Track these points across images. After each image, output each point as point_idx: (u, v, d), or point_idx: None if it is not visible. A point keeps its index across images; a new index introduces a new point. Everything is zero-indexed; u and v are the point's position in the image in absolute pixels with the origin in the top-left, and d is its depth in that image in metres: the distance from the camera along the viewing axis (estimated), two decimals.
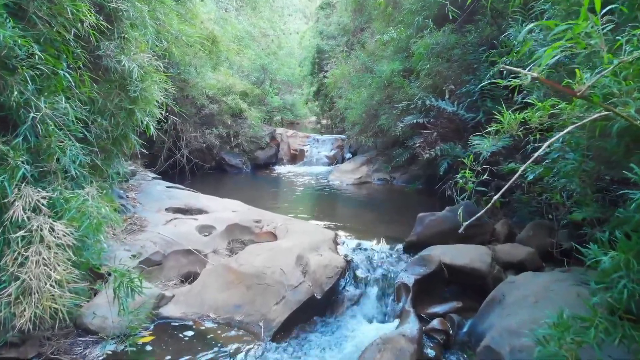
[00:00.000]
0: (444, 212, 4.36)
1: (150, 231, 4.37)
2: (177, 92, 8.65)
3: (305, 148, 11.69)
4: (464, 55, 5.90)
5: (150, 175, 6.17)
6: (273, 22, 21.19)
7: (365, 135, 8.80)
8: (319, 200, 6.87)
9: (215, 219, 4.74)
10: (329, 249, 4.05)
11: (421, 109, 6.34)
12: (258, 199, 6.87)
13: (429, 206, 6.03)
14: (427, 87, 6.52)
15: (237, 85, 9.42)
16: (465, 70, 5.99)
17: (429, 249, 4.05)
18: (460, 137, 5.92)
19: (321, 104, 17.75)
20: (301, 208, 6.31)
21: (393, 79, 7.28)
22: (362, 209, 6.24)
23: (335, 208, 6.35)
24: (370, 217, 5.74)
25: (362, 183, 8.25)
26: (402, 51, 8.10)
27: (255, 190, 7.77)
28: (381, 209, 6.22)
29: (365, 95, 8.67)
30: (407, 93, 6.83)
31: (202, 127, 9.11)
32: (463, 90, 5.69)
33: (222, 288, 3.56)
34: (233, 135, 9.32)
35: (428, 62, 6.37)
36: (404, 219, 5.58)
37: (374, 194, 7.58)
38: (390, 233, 4.87)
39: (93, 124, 3.73)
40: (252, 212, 5.17)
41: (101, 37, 3.82)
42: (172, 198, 5.38)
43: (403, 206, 6.41)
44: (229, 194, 7.23)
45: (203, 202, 5.34)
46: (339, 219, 5.61)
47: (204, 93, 8.70)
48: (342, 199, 7.15)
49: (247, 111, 9.06)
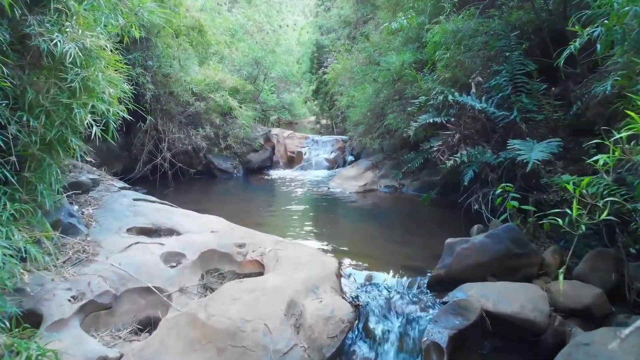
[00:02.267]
0: (480, 237, 3.38)
1: (102, 262, 3.38)
2: (157, 88, 7.69)
3: (303, 150, 10.71)
4: (492, 42, 4.92)
5: (116, 185, 5.18)
6: (270, 17, 20.26)
7: (370, 136, 7.82)
8: (318, 213, 5.89)
9: (187, 244, 3.76)
10: (331, 289, 3.07)
11: (438, 106, 5.36)
12: (247, 211, 5.89)
13: (451, 223, 5.08)
14: (446, 80, 5.54)
15: (228, 81, 8.44)
16: (493, 60, 5.01)
17: (463, 289, 3.07)
18: (487, 139, 4.94)
19: (320, 102, 16.81)
20: (297, 223, 5.33)
21: (404, 72, 6.31)
22: (370, 225, 5.26)
23: (338, 223, 5.37)
24: (381, 236, 4.76)
25: (367, 191, 7.27)
26: (412, 41, 7.13)
27: (246, 200, 6.78)
28: (392, 225, 5.24)
29: (370, 91, 7.70)
30: (421, 88, 5.86)
31: (188, 127, 8.12)
32: (492, 83, 4.72)
33: (184, 350, 2.57)
34: (222, 136, 8.33)
35: (447, 51, 5.40)
36: (422, 239, 4.60)
37: (382, 204, 6.60)
38: (407, 260, 3.89)
39: (14, 123, 2.78)
40: (236, 232, 4.19)
41: (28, 10, 2.88)
42: (138, 214, 4.39)
43: (418, 222, 5.42)
44: (214, 205, 6.27)
45: (176, 220, 4.36)
46: (342, 239, 4.63)
47: (189, 89, 7.71)
48: (345, 211, 6.17)
49: (237, 110, 8.07)
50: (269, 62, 9.87)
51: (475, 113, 5.00)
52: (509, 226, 3.35)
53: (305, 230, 4.97)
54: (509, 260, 3.29)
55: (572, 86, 4.99)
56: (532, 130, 4.59)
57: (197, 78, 8.19)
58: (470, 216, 4.74)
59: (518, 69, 4.68)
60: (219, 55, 9.46)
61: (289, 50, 20.66)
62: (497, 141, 4.82)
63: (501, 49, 4.85)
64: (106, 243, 3.71)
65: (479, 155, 4.37)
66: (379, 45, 7.79)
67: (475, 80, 4.78)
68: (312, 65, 16.31)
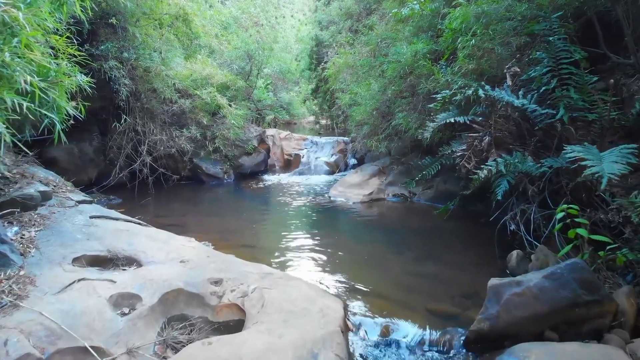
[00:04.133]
0: (535, 278, 2.50)
1: (29, 309, 2.51)
2: (136, 84, 6.81)
3: (301, 153, 9.83)
4: (529, 25, 4.05)
5: (73, 199, 4.29)
6: (267, 12, 19.35)
7: (376, 138, 6.95)
8: (316, 230, 5.01)
9: (147, 281, 2.88)
10: (335, 357, 2.19)
11: (460, 104, 4.48)
12: (233, 227, 5.00)
13: (478, 244, 4.19)
14: (469, 72, 4.67)
15: (216, 76, 7.55)
16: (530, 47, 4.15)
17: (518, 353, 2.20)
18: (524, 143, 4.07)
19: (320, 101, 15.94)
20: (291, 244, 4.45)
21: (417, 64, 5.43)
22: (380, 246, 4.38)
23: (341, 244, 4.49)
24: (395, 263, 3.88)
25: (372, 200, 6.39)
26: (424, 31, 6.26)
27: (234, 212, 5.90)
28: (407, 247, 4.36)
29: (375, 87, 6.83)
30: (439, 82, 4.99)
31: (171, 127, 7.24)
32: (532, 74, 3.84)
33: None
34: (210, 138, 7.44)
35: (471, 38, 4.53)
36: (447, 267, 3.72)
37: (391, 217, 5.72)
38: (433, 301, 3.02)
39: None
40: (213, 261, 3.31)
41: None
42: (92, 238, 3.51)
43: (438, 241, 4.55)
44: (196, 219, 5.35)
45: (139, 244, 3.48)
46: (347, 268, 3.75)
47: (172, 85, 6.83)
48: (349, 226, 5.29)
49: (226, 108, 7.18)
50: (263, 55, 8.97)
51: (507, 111, 4.13)
52: (576, 264, 2.47)
53: (301, 255, 4.09)
54: (576, 310, 2.43)
55: (624, 79, 4.14)
56: (580, 132, 3.72)
57: (183, 73, 7.32)
58: (504, 237, 3.87)
59: (562, 56, 3.81)
60: (208, 48, 8.57)
61: (287, 48, 19.79)
62: (536, 146, 3.94)
63: (540, 34, 3.98)
64: (42, 279, 2.84)
65: (519, 163, 3.49)
66: (386, 36, 6.90)
67: (511, 70, 3.91)
68: (311, 62, 15.45)
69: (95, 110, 7.06)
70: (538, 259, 3.20)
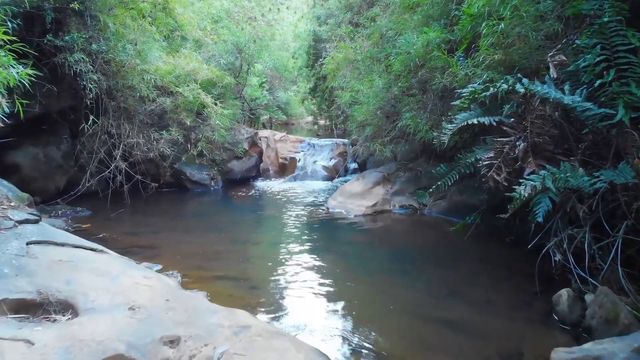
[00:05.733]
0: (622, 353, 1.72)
1: None
2: (108, 80, 6.02)
3: (297, 156, 9.05)
4: (575, 4, 3.27)
5: (13, 218, 3.50)
6: (263, 8, 18.55)
7: (380, 141, 6.18)
8: (311, 254, 4.17)
9: (75, 343, 2.09)
10: None
11: (484, 102, 3.70)
12: (212, 249, 4.20)
13: (512, 273, 3.38)
14: (495, 64, 3.90)
15: (202, 72, 6.76)
16: (573, 32, 3.37)
17: None
18: (568, 150, 3.29)
19: (318, 101, 15.17)
20: (280, 274, 3.65)
21: (429, 56, 4.66)
22: (388, 278, 3.58)
23: (340, 275, 3.67)
24: (407, 304, 3.09)
25: (377, 212, 5.61)
26: (436, 19, 5.48)
27: (216, 228, 5.07)
28: (421, 278, 3.58)
29: (379, 84, 6.06)
30: (457, 76, 4.22)
31: (150, 129, 6.45)
32: (581, 65, 3.06)
33: None
34: (194, 140, 6.66)
35: (498, 23, 3.75)
36: (473, 308, 2.94)
37: (399, 235, 4.94)
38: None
39: None
40: (171, 308, 2.52)
41: None
42: (22, 273, 2.72)
43: (458, 270, 3.75)
44: (170, 237, 4.41)
45: (80, 282, 2.70)
46: (348, 311, 2.97)
47: (150, 81, 6.04)
48: (351, 249, 4.46)
49: (210, 107, 6.39)
50: (253, 49, 8.16)
51: (545, 110, 3.35)
52: None
53: (290, 291, 3.30)
54: None
55: None
56: None
57: (164, 68, 6.52)
58: (545, 269, 3.10)
59: (617, 42, 3.03)
60: (193, 41, 7.77)
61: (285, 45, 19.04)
62: (584, 154, 3.17)
63: (589, 14, 3.20)
64: None
65: (571, 178, 2.71)
66: (393, 25, 6.12)
67: (555, 59, 3.13)
68: (308, 59, 14.68)
69: (64, 110, 6.29)
70: (601, 306, 2.43)
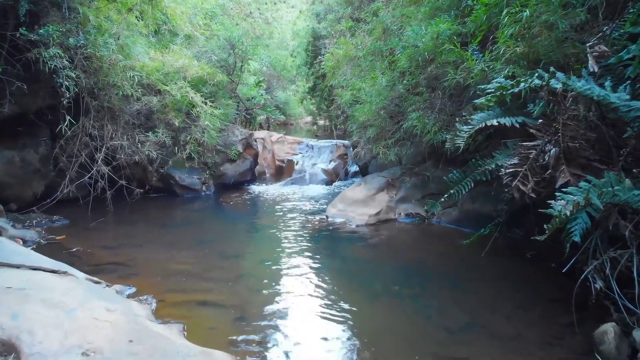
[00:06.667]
0: None
1: None
2: (89, 77, 5.54)
3: (295, 158, 8.58)
4: None
5: None
6: (261, 5, 18.08)
7: (384, 143, 5.71)
8: (307, 272, 3.66)
9: None
10: None
11: (505, 101, 3.23)
12: (194, 268, 3.70)
13: (541, 301, 2.82)
14: (517, 57, 3.43)
15: (191, 69, 6.29)
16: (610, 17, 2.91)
17: None
18: (607, 157, 2.82)
19: (318, 100, 14.69)
20: (269, 301, 3.14)
21: (440, 49, 4.19)
22: (396, 304, 3.11)
23: (340, 299, 3.17)
24: (420, 338, 2.61)
25: (381, 222, 5.14)
26: (445, 11, 5.01)
27: (201, 242, 4.53)
28: (434, 303, 3.11)
29: (383, 81, 5.59)
30: (472, 71, 3.75)
31: (135, 130, 5.97)
32: (626, 56, 2.60)
33: None
34: (183, 142, 6.18)
35: (522, 10, 3.29)
36: (499, 345, 2.47)
37: (406, 248, 4.46)
38: None
39: None
40: (134, 353, 2.06)
41: None
42: None
43: (477, 293, 3.27)
44: (151, 251, 3.84)
45: (29, 317, 2.23)
46: (349, 350, 2.49)
47: (132, 78, 5.57)
48: (353, 266, 3.96)
49: (199, 107, 5.91)
50: (247, 45, 7.65)
51: (579, 110, 2.89)
52: None
53: (283, 325, 2.82)
54: None
55: None
56: None
57: (151, 65, 6.04)
58: (583, 298, 2.63)
59: None
60: (183, 36, 7.28)
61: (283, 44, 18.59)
62: (626, 161, 2.70)
63: None
64: None
65: (621, 192, 2.24)
66: (397, 18, 5.65)
67: (595, 51, 2.66)
68: (307, 57, 14.19)
69: (42, 110, 5.81)
70: None
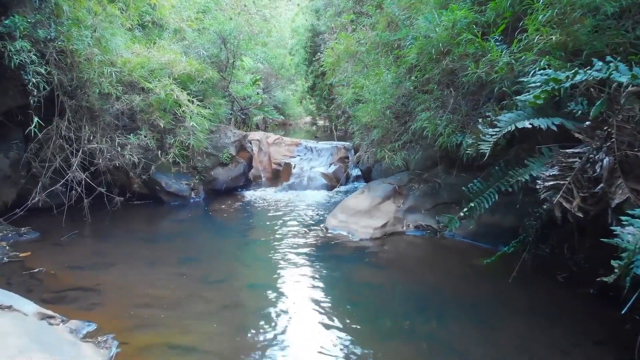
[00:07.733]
0: None
1: None
2: (63, 74, 5.00)
3: (293, 162, 8.03)
4: None
5: None
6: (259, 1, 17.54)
7: (390, 147, 5.17)
8: (303, 300, 3.12)
9: None
10: None
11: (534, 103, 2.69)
12: (169, 298, 3.16)
13: (586, 342, 2.28)
14: (551, 48, 2.90)
15: (178, 65, 5.74)
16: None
17: None
18: None
19: (317, 100, 14.15)
20: (260, 348, 2.63)
21: (456, 40, 3.65)
22: (412, 347, 2.57)
23: (345, 341, 2.64)
24: None
25: (387, 235, 4.61)
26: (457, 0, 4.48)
27: (182, 261, 3.95)
28: (462, 343, 2.57)
29: (389, 78, 5.05)
30: (496, 64, 3.22)
31: (116, 132, 5.43)
32: None
33: None
34: (169, 145, 5.64)
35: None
36: None
37: (417, 268, 3.91)
38: None
39: None
40: None
41: None
42: None
43: (506, 331, 2.73)
44: (123, 273, 3.21)
45: None
46: None
47: (112, 75, 5.03)
48: (356, 290, 3.39)
49: (185, 106, 5.36)
50: (239, 39, 7.09)
51: (635, 111, 2.36)
52: None
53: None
54: None
55: None
56: None
57: (133, 60, 5.50)
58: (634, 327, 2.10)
59: None
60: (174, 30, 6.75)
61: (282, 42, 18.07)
62: None
63: None
64: None
65: None
66: (404, 8, 5.10)
67: None
68: (306, 55, 13.66)
69: (12, 110, 5.27)
70: None
